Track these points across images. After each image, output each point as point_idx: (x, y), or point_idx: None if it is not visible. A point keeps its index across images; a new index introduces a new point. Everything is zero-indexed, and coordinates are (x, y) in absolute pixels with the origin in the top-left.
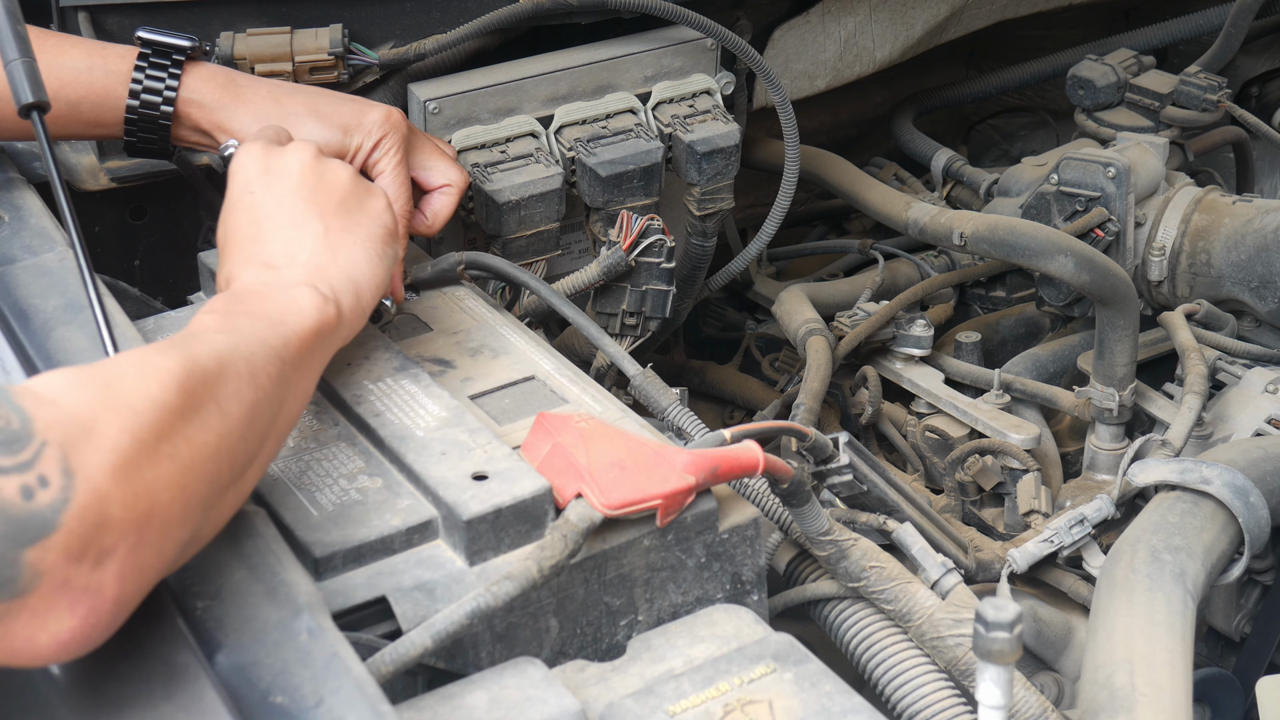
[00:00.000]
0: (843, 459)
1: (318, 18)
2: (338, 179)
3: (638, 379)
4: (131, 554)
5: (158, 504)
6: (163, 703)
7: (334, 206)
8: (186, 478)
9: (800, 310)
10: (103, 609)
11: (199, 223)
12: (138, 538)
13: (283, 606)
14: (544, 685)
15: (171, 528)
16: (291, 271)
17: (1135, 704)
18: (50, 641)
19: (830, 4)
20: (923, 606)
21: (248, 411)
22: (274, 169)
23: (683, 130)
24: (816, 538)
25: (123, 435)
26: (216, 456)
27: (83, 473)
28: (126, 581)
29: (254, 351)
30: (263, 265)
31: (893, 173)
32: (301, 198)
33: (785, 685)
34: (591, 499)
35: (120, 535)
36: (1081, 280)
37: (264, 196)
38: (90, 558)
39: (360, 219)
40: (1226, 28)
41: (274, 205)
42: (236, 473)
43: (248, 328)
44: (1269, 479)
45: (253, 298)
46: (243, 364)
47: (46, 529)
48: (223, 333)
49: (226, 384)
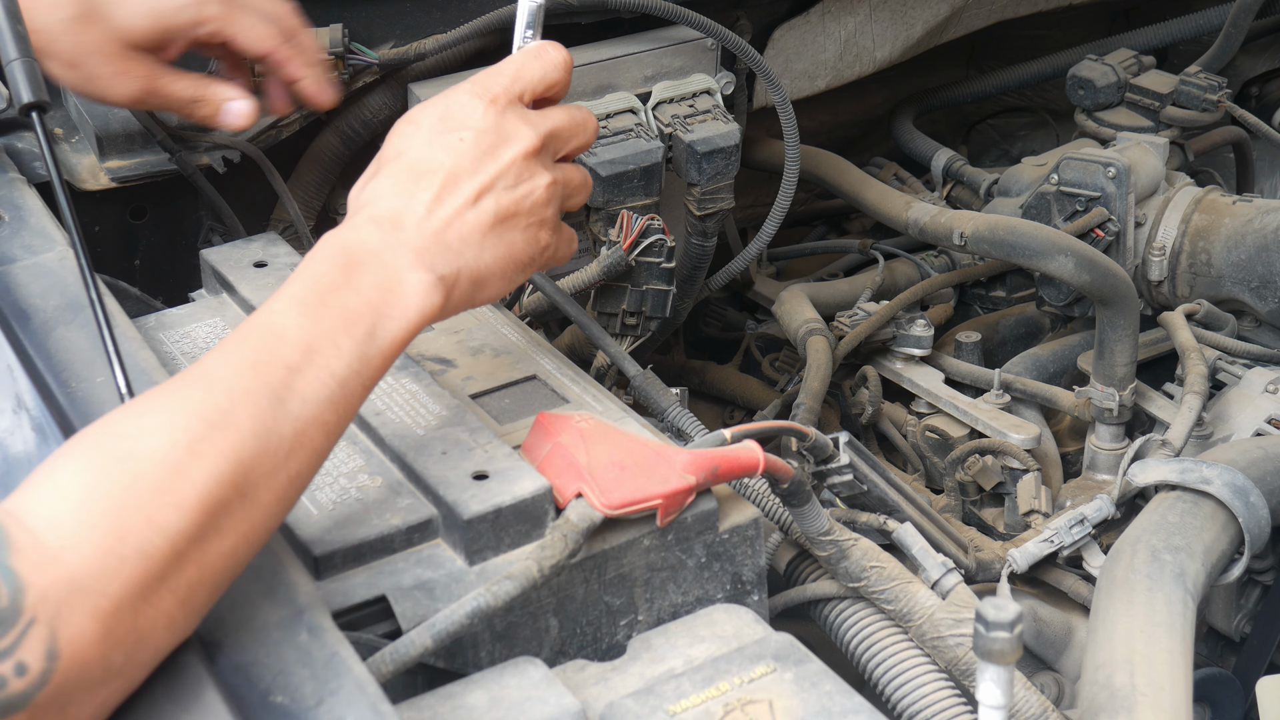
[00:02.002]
0: (843, 459)
1: (318, 18)
2: (533, 186)
3: (638, 379)
4: (110, 693)
5: (149, 642)
6: (163, 702)
7: (516, 204)
8: (190, 600)
9: (800, 310)
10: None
11: (199, 223)
12: (120, 682)
13: (283, 606)
14: (544, 685)
15: (159, 655)
16: (428, 242)
17: (1135, 704)
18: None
19: (830, 4)
20: (923, 606)
21: (286, 490)
22: (504, 136)
23: (683, 130)
24: (817, 538)
25: (126, 589)
26: (235, 560)
27: (70, 647)
28: (96, 716)
29: (323, 396)
30: (402, 218)
31: (893, 173)
32: (499, 182)
33: (785, 685)
34: (592, 499)
35: (98, 684)
36: (1081, 280)
37: (473, 153)
38: (56, 710)
39: (529, 234)
40: (1226, 28)
41: (470, 170)
42: (254, 550)
43: (331, 342)
44: (1269, 479)
45: (360, 276)
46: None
47: (13, 710)
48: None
49: (274, 477)
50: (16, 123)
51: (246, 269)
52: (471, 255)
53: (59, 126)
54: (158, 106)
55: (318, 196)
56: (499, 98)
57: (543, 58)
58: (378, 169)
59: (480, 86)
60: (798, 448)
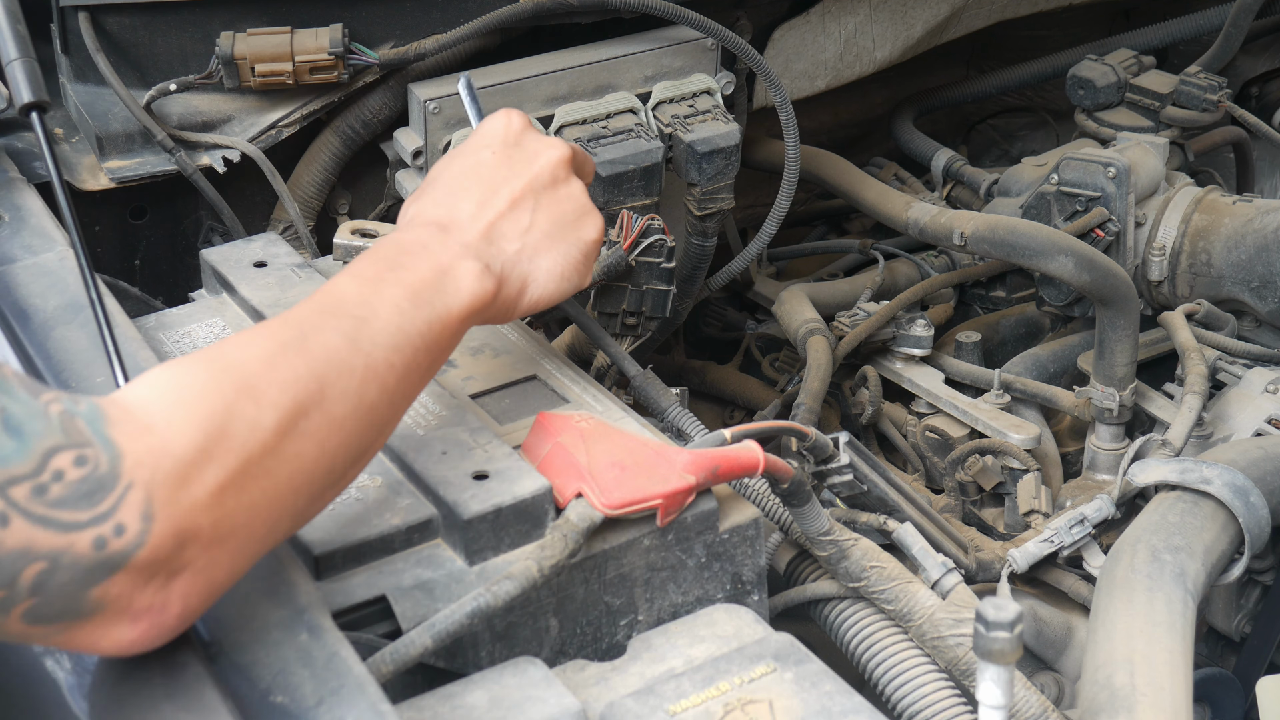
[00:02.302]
0: (843, 459)
1: (318, 18)
2: (569, 191)
3: (638, 379)
4: (202, 573)
5: (239, 527)
6: (163, 702)
7: (551, 209)
8: (278, 496)
9: (800, 310)
10: (166, 623)
11: (199, 223)
12: (209, 561)
13: (283, 606)
14: (544, 685)
15: (252, 544)
16: (472, 239)
17: (1135, 704)
18: (113, 647)
19: (830, 4)
20: (923, 606)
21: (361, 418)
22: (523, 148)
23: (683, 130)
24: (817, 538)
25: (219, 473)
26: (315, 471)
27: (164, 512)
28: (192, 598)
29: (387, 343)
30: (449, 223)
31: (893, 173)
32: (530, 189)
33: (785, 685)
34: (592, 499)
35: (192, 560)
36: (1082, 280)
37: (498, 163)
38: (158, 581)
39: (569, 234)
40: (1227, 28)
41: (501, 178)
42: (336, 476)
43: (391, 305)
44: (1269, 479)
45: (416, 261)
46: (372, 364)
47: (115, 570)
48: (362, 312)
49: (347, 392)
50: (16, 123)
51: (246, 269)
52: (514, 252)
53: (59, 126)
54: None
55: (318, 196)
56: (518, 120)
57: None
58: (421, 193)
59: (504, 112)
60: (798, 448)
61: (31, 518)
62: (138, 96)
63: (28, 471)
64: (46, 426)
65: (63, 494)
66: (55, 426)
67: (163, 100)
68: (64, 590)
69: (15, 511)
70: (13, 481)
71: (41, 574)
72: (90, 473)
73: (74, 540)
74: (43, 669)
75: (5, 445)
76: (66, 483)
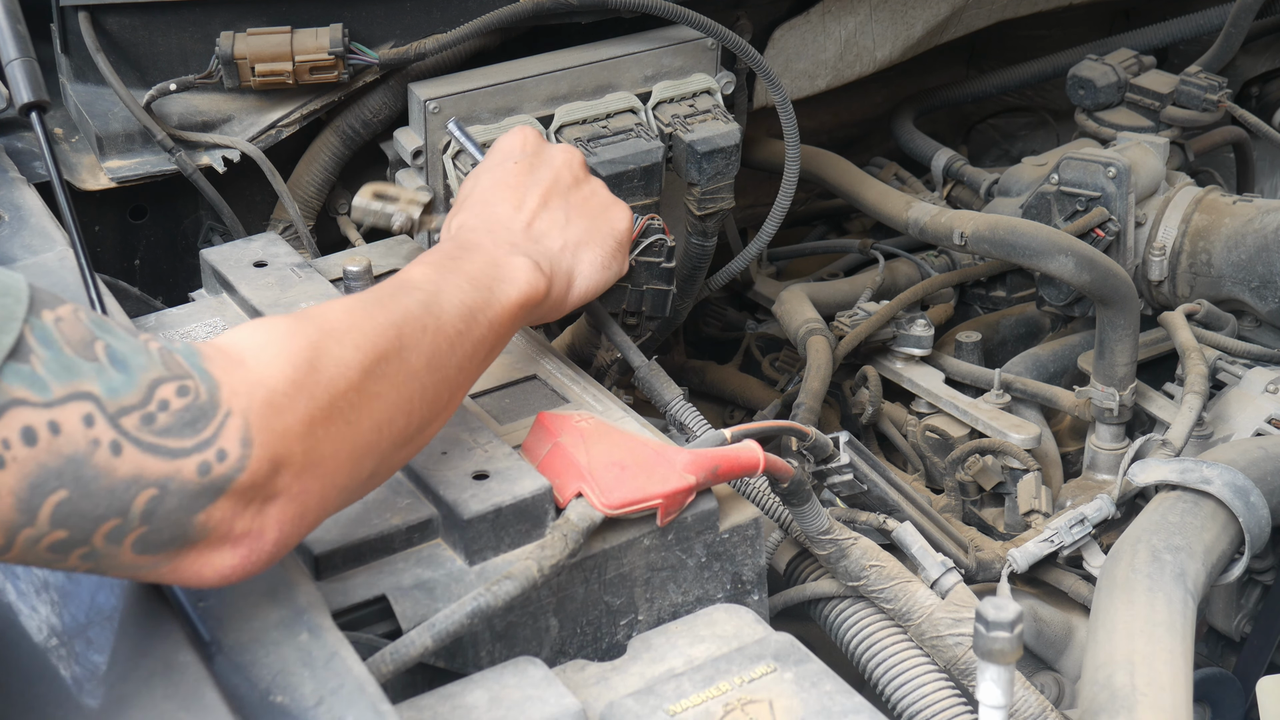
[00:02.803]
0: (843, 458)
1: (318, 17)
2: (593, 188)
3: (642, 371)
4: (295, 501)
5: (327, 458)
6: (163, 702)
7: (581, 206)
8: (362, 435)
9: (800, 310)
10: (263, 549)
11: (199, 223)
12: (302, 489)
13: (283, 606)
14: (544, 684)
15: (339, 478)
16: (518, 238)
17: (1136, 704)
18: (215, 576)
19: (831, 4)
20: (922, 606)
21: (434, 373)
22: (541, 155)
23: (683, 130)
24: (816, 536)
25: (309, 404)
26: (394, 415)
27: (260, 438)
28: (286, 524)
29: (454, 313)
30: (493, 225)
31: (893, 172)
32: (556, 190)
33: (786, 685)
34: (592, 498)
35: (286, 487)
36: (1082, 280)
37: (522, 170)
38: (255, 506)
39: (601, 225)
40: (1227, 28)
41: (529, 182)
42: (413, 430)
43: (455, 286)
44: (1269, 479)
45: (473, 255)
46: (441, 325)
47: (218, 494)
48: (430, 288)
49: (421, 346)
50: (16, 123)
51: (246, 269)
52: (558, 249)
53: (59, 126)
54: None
55: (318, 196)
56: (531, 133)
57: None
58: (457, 209)
59: (517, 129)
60: (798, 447)
61: (142, 446)
62: (138, 96)
63: (136, 402)
64: (149, 360)
65: (169, 422)
66: (156, 360)
67: (163, 100)
68: (172, 516)
69: (127, 440)
70: (124, 411)
71: (151, 500)
72: (192, 402)
73: (180, 466)
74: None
75: (115, 378)
76: (171, 411)
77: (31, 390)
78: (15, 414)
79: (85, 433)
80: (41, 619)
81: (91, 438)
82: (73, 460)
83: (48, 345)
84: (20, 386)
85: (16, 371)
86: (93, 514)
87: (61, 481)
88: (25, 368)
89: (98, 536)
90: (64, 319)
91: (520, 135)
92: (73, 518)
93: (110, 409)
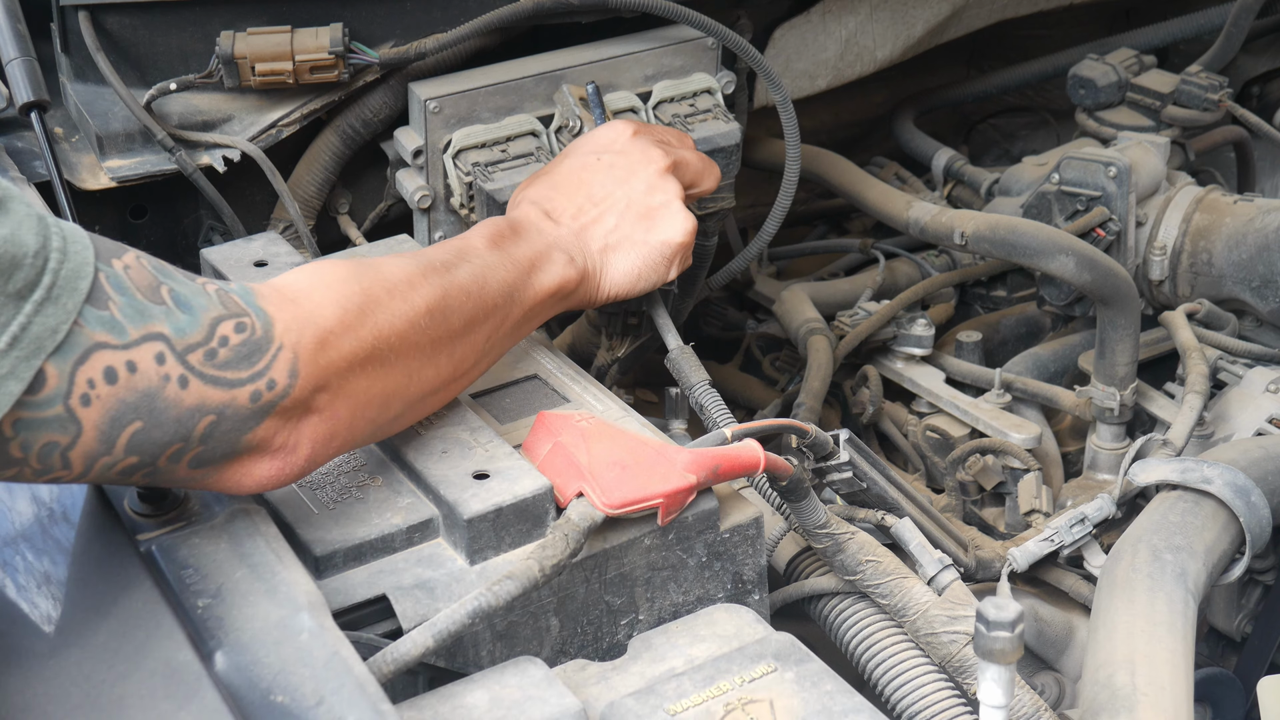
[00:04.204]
0: (843, 456)
1: (318, 17)
2: (665, 198)
3: (675, 352)
4: (325, 420)
5: (360, 391)
6: (163, 702)
7: (641, 212)
8: (394, 379)
9: (801, 309)
10: (296, 461)
11: (199, 222)
12: (333, 412)
13: (283, 605)
14: (545, 684)
15: (369, 411)
16: (565, 232)
17: (1136, 704)
18: (253, 484)
19: (831, 3)
20: (918, 602)
21: (470, 338)
22: (627, 154)
23: (684, 129)
24: (813, 530)
25: (354, 344)
26: (426, 367)
27: (306, 370)
28: (318, 442)
29: (496, 286)
30: (551, 212)
31: (894, 172)
32: (626, 194)
33: (786, 684)
34: (593, 498)
35: (320, 407)
36: (1082, 280)
37: (602, 167)
38: (293, 422)
39: (651, 235)
40: (1227, 27)
41: (599, 180)
42: (440, 383)
43: (501, 264)
44: (1270, 478)
45: (521, 240)
46: (484, 297)
47: (265, 416)
48: (480, 262)
49: (463, 311)
50: (16, 122)
51: (247, 268)
52: (598, 250)
53: (59, 126)
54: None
55: (318, 196)
56: (629, 129)
57: (707, 163)
58: (536, 178)
59: (620, 121)
60: (798, 444)
61: (205, 379)
62: (138, 96)
63: (200, 339)
64: (209, 301)
65: (229, 356)
66: (215, 300)
67: (163, 100)
68: (226, 437)
69: (193, 374)
70: (190, 348)
71: (210, 425)
72: (249, 337)
73: (236, 395)
74: (48, 664)
75: (180, 318)
76: (231, 346)
77: (111, 334)
78: (98, 356)
79: (158, 370)
80: (41, 614)
81: (163, 374)
82: (147, 394)
83: (121, 291)
84: (101, 331)
85: (97, 317)
86: (160, 440)
87: (137, 414)
88: (104, 314)
89: (163, 459)
90: (131, 266)
91: (614, 131)
92: (144, 445)
93: (178, 347)
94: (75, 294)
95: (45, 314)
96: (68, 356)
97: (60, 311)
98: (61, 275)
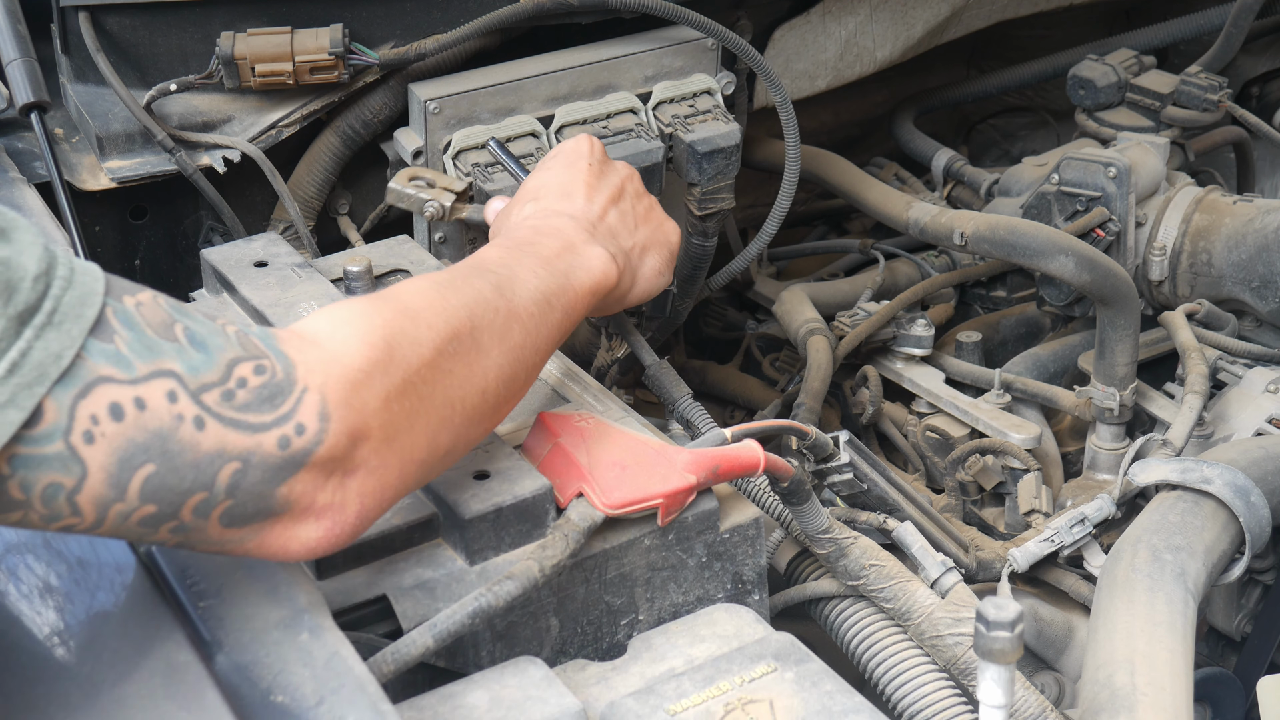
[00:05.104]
0: (843, 457)
1: (318, 18)
2: (650, 202)
3: (653, 369)
4: (375, 474)
5: (403, 433)
6: (163, 702)
7: (644, 215)
8: (436, 411)
9: (801, 310)
10: (346, 521)
11: (199, 223)
12: (380, 462)
13: (283, 605)
14: (545, 684)
15: (417, 452)
16: (595, 229)
17: (1136, 703)
18: (301, 549)
19: (831, 4)
20: (922, 605)
21: (506, 353)
22: (609, 164)
23: (683, 130)
24: (816, 535)
25: (384, 381)
26: (467, 392)
27: (338, 413)
28: (368, 498)
29: (527, 295)
30: (573, 213)
31: (893, 172)
32: (624, 196)
33: (786, 685)
34: (592, 498)
35: (365, 460)
36: (1082, 280)
37: (595, 172)
38: (336, 479)
39: (659, 236)
40: (1227, 28)
41: (600, 184)
42: (488, 407)
43: (530, 268)
44: (1270, 478)
45: (548, 239)
46: (514, 307)
47: (298, 467)
48: (503, 271)
49: (494, 327)
50: (16, 123)
51: (247, 268)
52: (628, 248)
53: (59, 126)
54: None
55: (318, 196)
56: (598, 143)
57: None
58: (521, 200)
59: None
60: (798, 446)
61: (223, 421)
62: (138, 96)
63: (216, 379)
64: (226, 341)
65: (248, 399)
66: (234, 341)
67: (163, 100)
68: (255, 489)
69: (209, 415)
70: (205, 388)
71: (235, 474)
72: (269, 379)
73: (261, 440)
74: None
75: (194, 357)
76: (250, 388)
77: (117, 368)
78: (102, 390)
79: (169, 408)
80: (43, 619)
81: (175, 413)
82: (158, 435)
83: (130, 326)
84: (106, 364)
85: (101, 350)
86: (179, 488)
87: (149, 456)
88: (109, 347)
89: (185, 510)
90: (144, 304)
91: (588, 141)
92: (161, 491)
93: (192, 385)
94: (79, 320)
95: (47, 339)
96: (68, 389)
97: (63, 337)
98: (65, 301)
